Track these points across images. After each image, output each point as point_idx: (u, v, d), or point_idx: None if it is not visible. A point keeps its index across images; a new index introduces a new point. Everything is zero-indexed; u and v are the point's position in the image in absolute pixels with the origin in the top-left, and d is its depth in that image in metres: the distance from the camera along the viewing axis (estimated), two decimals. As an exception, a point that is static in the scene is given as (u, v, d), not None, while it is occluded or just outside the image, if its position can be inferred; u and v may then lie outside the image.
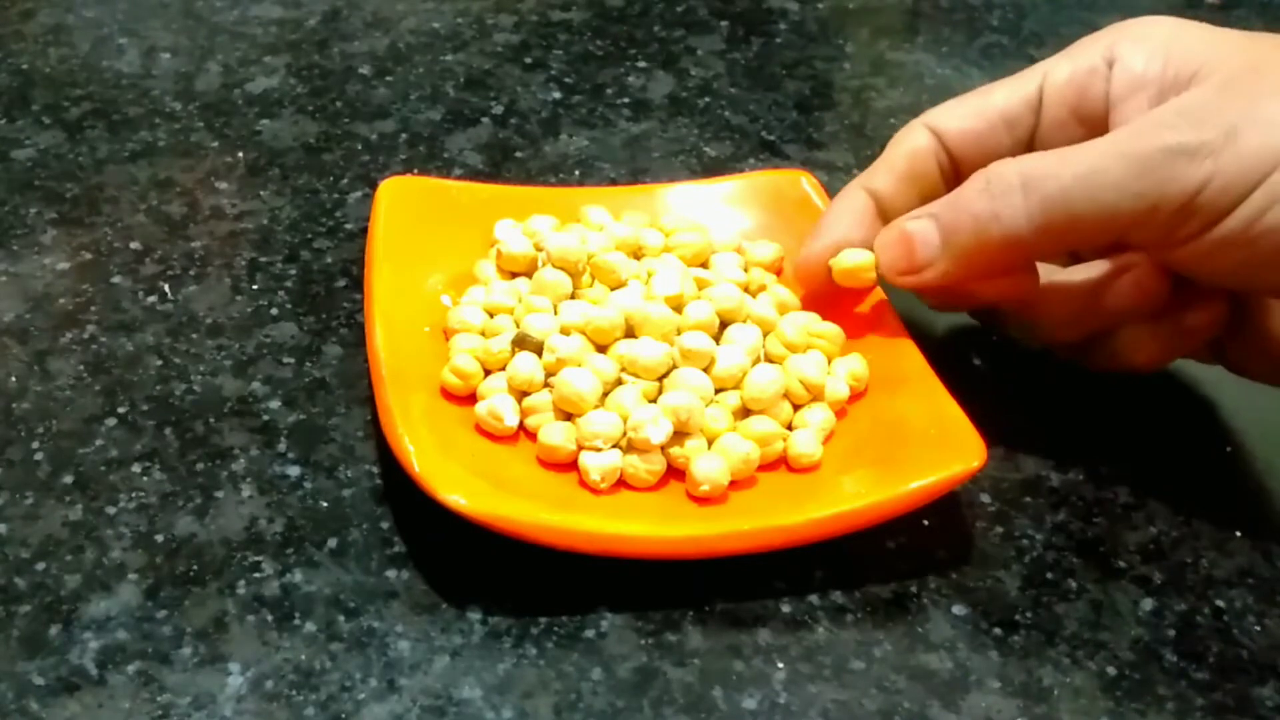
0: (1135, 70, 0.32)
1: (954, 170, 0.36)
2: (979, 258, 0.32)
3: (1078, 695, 0.29)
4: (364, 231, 0.41)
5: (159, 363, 0.37)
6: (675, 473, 0.32)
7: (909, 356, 0.34)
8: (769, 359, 0.34)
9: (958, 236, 0.32)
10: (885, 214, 0.35)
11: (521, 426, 0.33)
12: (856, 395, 0.34)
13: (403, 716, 0.28)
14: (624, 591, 0.31)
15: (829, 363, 0.35)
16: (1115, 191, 0.30)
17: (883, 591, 0.31)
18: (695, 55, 0.53)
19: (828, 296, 0.36)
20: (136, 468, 0.34)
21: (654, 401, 0.33)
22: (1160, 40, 0.32)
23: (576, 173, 0.46)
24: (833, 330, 0.35)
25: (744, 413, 0.33)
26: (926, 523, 0.33)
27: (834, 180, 0.45)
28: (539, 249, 0.36)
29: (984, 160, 0.33)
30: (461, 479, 0.30)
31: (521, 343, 0.34)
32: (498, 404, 0.33)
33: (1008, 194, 0.31)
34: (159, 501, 0.33)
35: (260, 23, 0.54)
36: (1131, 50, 0.33)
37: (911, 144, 0.36)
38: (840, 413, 0.34)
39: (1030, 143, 0.35)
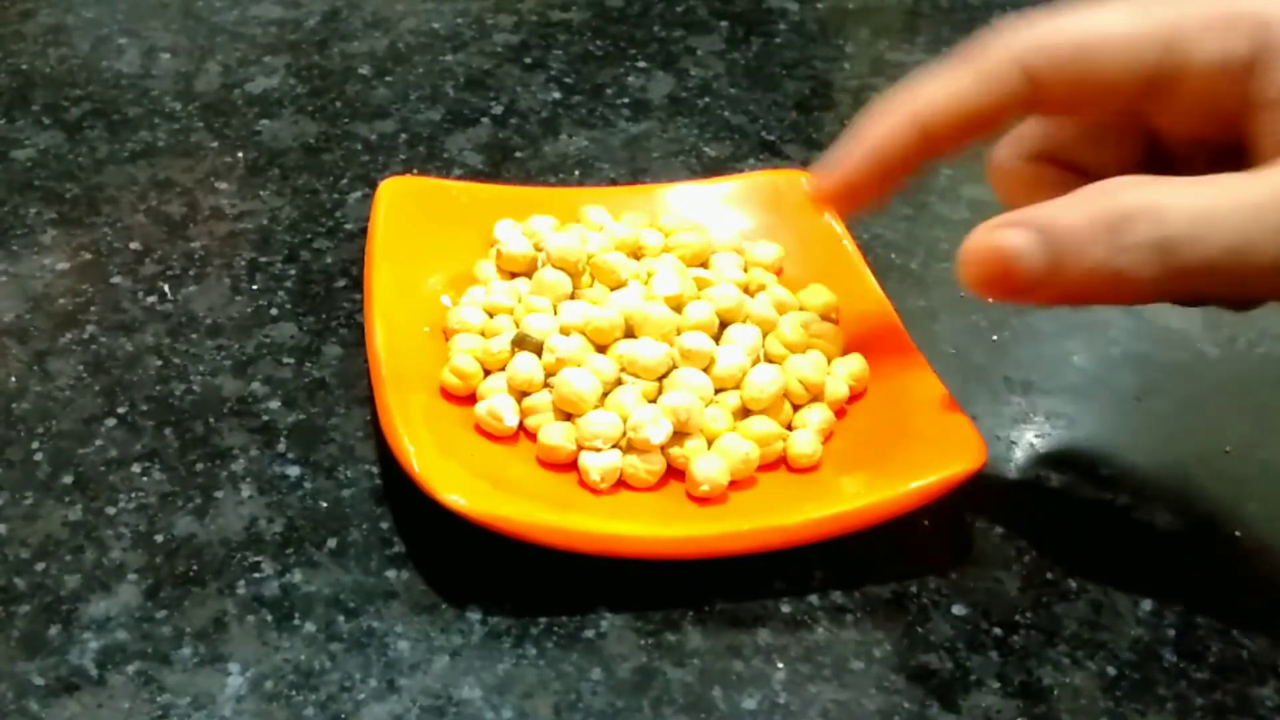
0: None
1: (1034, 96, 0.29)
2: (1090, 298, 0.29)
3: (1078, 695, 0.29)
4: (364, 231, 0.41)
5: (159, 363, 0.37)
6: (675, 473, 0.32)
7: (909, 356, 0.34)
8: (769, 359, 0.34)
9: (1067, 275, 0.27)
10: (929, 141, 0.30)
11: (521, 426, 0.33)
12: (856, 395, 0.34)
13: (402, 716, 0.28)
14: (624, 591, 0.31)
15: (829, 363, 0.35)
16: (1270, 259, 0.25)
17: (883, 591, 0.31)
18: (695, 55, 0.53)
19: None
20: (136, 468, 0.34)
21: (654, 401, 0.33)
22: None
23: (576, 173, 0.46)
24: (833, 330, 0.35)
25: (744, 413, 0.33)
26: (926, 523, 0.33)
27: (834, 180, 0.45)
28: (539, 249, 0.36)
29: (1082, 93, 0.28)
30: (461, 479, 0.30)
31: (521, 343, 0.34)
32: (497, 404, 0.33)
33: (1137, 251, 0.26)
34: (159, 501, 0.33)
35: (260, 23, 0.54)
36: None
37: (992, 76, 0.29)
38: (840, 413, 0.34)
39: (1144, 100, 0.28)
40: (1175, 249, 0.26)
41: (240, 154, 0.46)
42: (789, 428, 0.33)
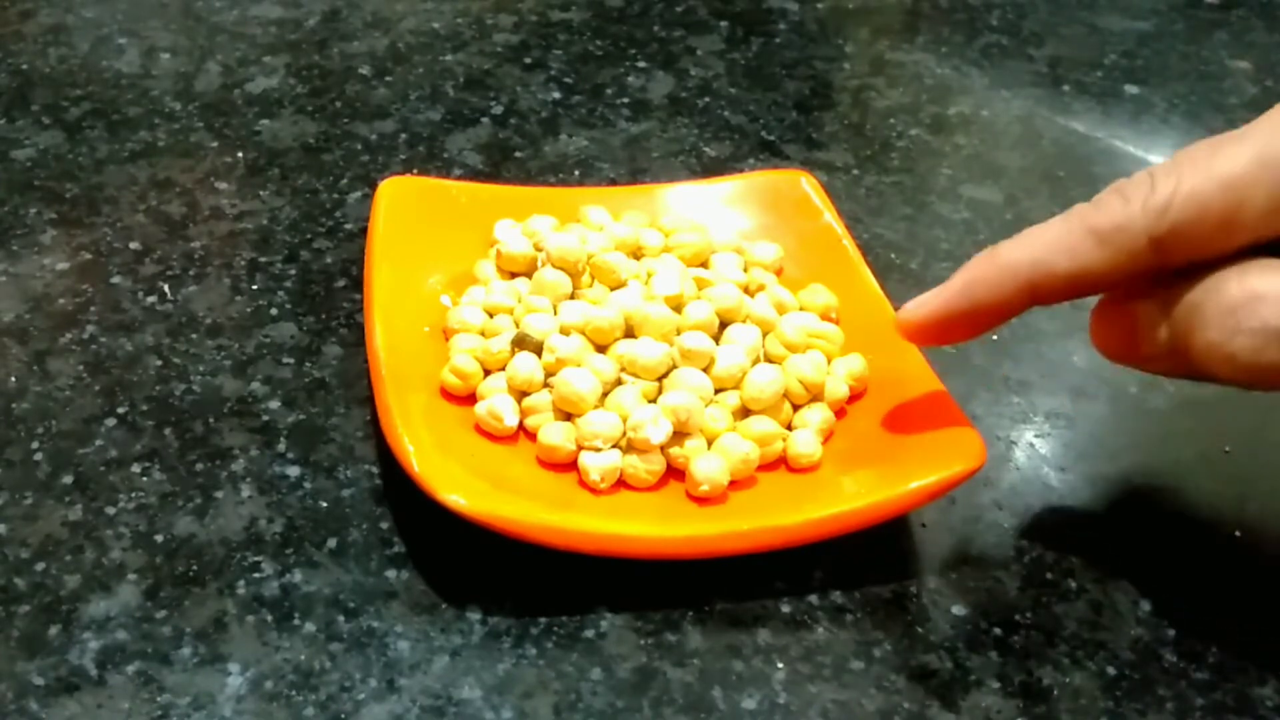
0: None
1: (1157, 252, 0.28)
2: (1215, 377, 0.28)
3: (1078, 695, 0.29)
4: (364, 231, 0.41)
5: (159, 363, 0.37)
6: (675, 473, 0.32)
7: (909, 356, 0.34)
8: (769, 359, 0.34)
9: (1190, 356, 0.27)
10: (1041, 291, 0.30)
11: (521, 426, 0.33)
12: (856, 395, 0.34)
13: (402, 716, 0.28)
14: (624, 591, 0.31)
15: (829, 363, 0.35)
16: None
17: (883, 591, 0.31)
18: (695, 55, 0.53)
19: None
20: (136, 468, 0.34)
21: (654, 401, 0.33)
22: None
23: (576, 173, 0.46)
24: (833, 330, 0.35)
25: (744, 413, 0.33)
26: (925, 523, 0.33)
27: (834, 180, 0.45)
28: (539, 249, 0.36)
29: (1212, 249, 0.27)
30: (461, 479, 0.30)
31: (521, 343, 0.34)
32: (498, 404, 0.33)
33: (1252, 337, 0.26)
34: (159, 501, 0.33)
35: (260, 23, 0.54)
36: None
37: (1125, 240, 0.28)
38: (840, 413, 0.34)
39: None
40: None
41: (240, 154, 0.46)
42: (789, 428, 0.33)
